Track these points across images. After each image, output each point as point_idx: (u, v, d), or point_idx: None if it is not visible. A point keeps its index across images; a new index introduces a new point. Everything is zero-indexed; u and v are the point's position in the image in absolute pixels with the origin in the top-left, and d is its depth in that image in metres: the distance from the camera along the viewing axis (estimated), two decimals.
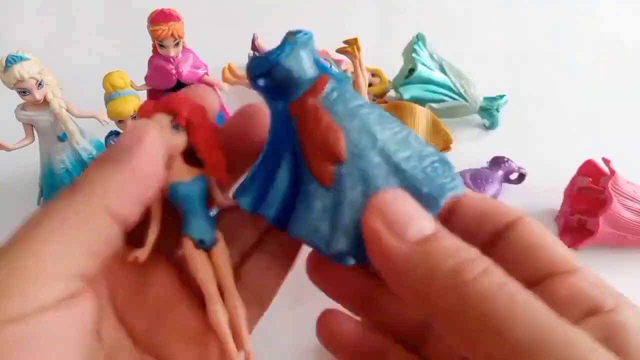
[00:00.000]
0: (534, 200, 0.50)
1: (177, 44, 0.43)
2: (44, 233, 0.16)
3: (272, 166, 0.22)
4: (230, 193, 0.23)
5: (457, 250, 0.16)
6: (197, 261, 0.21)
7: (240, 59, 0.56)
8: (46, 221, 0.17)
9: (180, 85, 0.45)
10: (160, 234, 0.21)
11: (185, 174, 0.21)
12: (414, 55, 0.54)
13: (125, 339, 0.20)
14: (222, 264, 0.22)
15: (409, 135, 0.21)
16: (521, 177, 0.51)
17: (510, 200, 0.50)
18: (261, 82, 0.21)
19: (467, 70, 0.57)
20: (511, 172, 0.50)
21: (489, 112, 0.57)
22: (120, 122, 0.42)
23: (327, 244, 0.20)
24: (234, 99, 0.56)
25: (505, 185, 0.50)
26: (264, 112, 0.22)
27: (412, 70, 0.55)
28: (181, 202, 0.21)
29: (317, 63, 0.22)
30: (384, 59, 0.59)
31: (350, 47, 0.48)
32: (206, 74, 0.46)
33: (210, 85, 0.49)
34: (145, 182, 0.19)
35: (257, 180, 0.22)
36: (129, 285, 0.21)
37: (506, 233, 0.19)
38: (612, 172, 0.45)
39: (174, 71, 0.44)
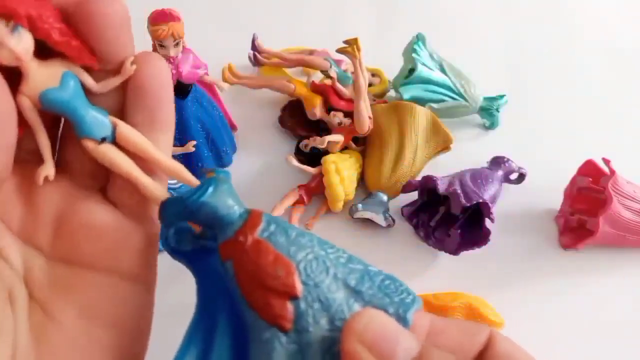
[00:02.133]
0: (534, 200, 0.50)
1: (177, 44, 0.43)
2: None
3: (207, 335, 0.19)
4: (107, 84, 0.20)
5: None
6: (111, 157, 0.20)
7: (240, 59, 0.56)
8: None
9: (180, 85, 0.45)
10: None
11: (49, 79, 0.19)
12: (414, 55, 0.54)
13: (35, 256, 0.20)
14: (133, 142, 0.20)
15: (350, 256, 0.19)
16: (521, 177, 0.51)
17: (510, 200, 0.50)
18: (176, 228, 0.19)
19: (467, 70, 0.57)
20: (511, 172, 0.50)
21: (489, 112, 0.57)
22: None
23: None
24: (234, 99, 0.56)
25: (505, 185, 0.50)
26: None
27: (412, 70, 0.55)
28: (62, 108, 0.19)
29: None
30: (384, 59, 0.59)
31: (350, 47, 0.48)
32: (206, 74, 0.46)
33: (209, 85, 0.49)
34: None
35: (196, 346, 0.19)
36: (19, 205, 0.20)
37: (485, 355, 0.18)
38: (612, 172, 0.45)
39: (174, 71, 0.44)
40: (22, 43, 0.18)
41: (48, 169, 0.20)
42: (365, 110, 0.48)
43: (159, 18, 0.41)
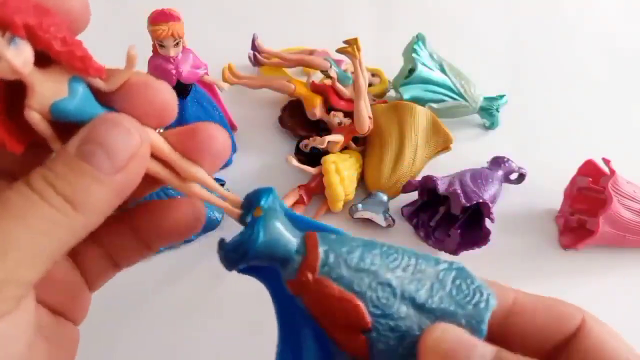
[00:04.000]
0: (534, 200, 0.50)
1: (177, 44, 0.43)
2: None
3: (294, 346, 0.19)
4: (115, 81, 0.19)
5: None
6: (153, 167, 0.20)
7: (240, 59, 0.56)
8: None
9: (180, 85, 0.45)
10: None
11: (56, 89, 0.17)
12: (414, 55, 0.54)
13: None
14: (157, 147, 0.19)
15: (417, 261, 0.19)
16: (521, 177, 0.51)
17: (510, 200, 0.50)
18: (242, 267, 0.19)
19: (467, 70, 0.57)
20: (511, 172, 0.50)
21: (489, 112, 0.57)
22: None
23: None
24: (234, 99, 0.56)
25: (505, 185, 0.50)
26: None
27: (412, 70, 0.55)
28: (75, 117, 0.18)
29: (293, 219, 0.20)
30: (384, 59, 0.59)
31: (350, 47, 0.48)
32: (206, 74, 0.46)
33: (209, 85, 0.49)
34: None
35: None
36: None
37: (573, 343, 0.18)
38: (612, 172, 0.45)
39: (174, 71, 0.44)
40: (20, 55, 0.16)
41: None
42: (365, 110, 0.48)
43: (159, 18, 0.41)
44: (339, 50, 0.49)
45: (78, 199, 0.17)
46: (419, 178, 0.47)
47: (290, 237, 0.19)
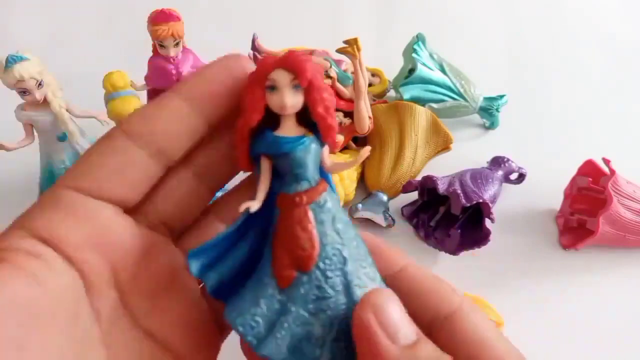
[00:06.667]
0: (534, 200, 0.50)
1: (177, 44, 0.43)
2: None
3: (234, 240, 0.22)
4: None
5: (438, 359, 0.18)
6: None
7: None
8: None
9: None
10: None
11: (292, 133, 0.21)
12: (414, 55, 0.54)
13: (125, 318, 0.21)
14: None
15: (374, 271, 0.21)
16: (521, 177, 0.51)
17: (510, 200, 0.50)
18: (258, 153, 0.21)
19: (467, 70, 0.57)
20: (511, 172, 0.50)
21: (489, 112, 0.57)
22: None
23: (259, 343, 0.20)
24: None
25: (505, 185, 0.50)
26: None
27: (412, 70, 0.55)
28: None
29: (321, 168, 0.22)
30: (384, 59, 0.59)
31: (350, 47, 0.48)
32: None
33: None
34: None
35: (215, 249, 0.21)
36: (134, 269, 0.21)
37: (446, 323, 0.20)
38: (612, 172, 0.45)
39: (174, 71, 0.44)
40: (293, 98, 0.20)
41: (254, 204, 0.21)
42: (365, 110, 0.48)
43: (159, 18, 0.41)
44: (339, 50, 0.49)
45: None
46: (419, 178, 0.47)
47: (312, 169, 0.21)
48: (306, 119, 0.21)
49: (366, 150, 0.22)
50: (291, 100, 0.20)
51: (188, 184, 0.23)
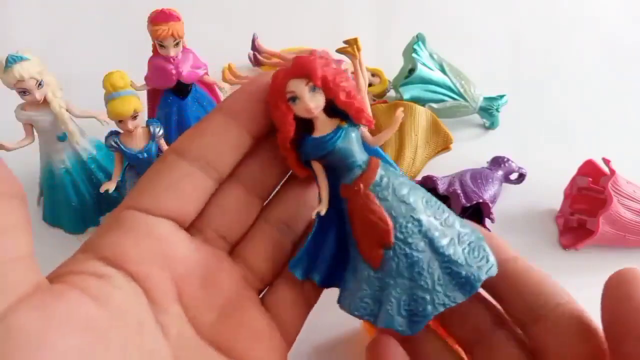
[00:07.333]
0: (534, 200, 0.50)
1: (177, 44, 0.43)
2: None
3: (321, 239, 0.24)
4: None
5: None
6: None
7: (240, 59, 0.56)
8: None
9: (180, 85, 0.45)
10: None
11: (328, 128, 0.23)
12: (414, 55, 0.54)
13: (191, 331, 0.21)
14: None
15: (448, 216, 0.23)
16: (521, 177, 0.51)
17: (510, 200, 0.50)
18: (309, 159, 0.23)
19: (467, 70, 0.57)
20: (511, 172, 0.50)
21: (489, 112, 0.57)
22: (120, 122, 0.42)
23: (375, 319, 0.22)
24: None
25: (505, 185, 0.50)
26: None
27: (412, 70, 0.55)
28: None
29: (366, 146, 0.24)
30: (384, 59, 0.59)
31: (350, 47, 0.48)
32: (206, 74, 0.46)
33: (210, 85, 0.49)
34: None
35: (308, 254, 0.24)
36: (196, 282, 0.22)
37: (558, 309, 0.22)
38: (612, 172, 0.45)
39: (174, 71, 0.44)
40: (314, 100, 0.22)
41: (322, 208, 0.23)
42: None
43: (159, 18, 0.41)
44: (339, 50, 0.49)
45: None
46: (419, 178, 0.47)
47: (359, 152, 0.23)
48: (335, 108, 0.23)
49: (400, 112, 0.24)
50: (314, 103, 0.22)
51: (239, 197, 0.24)
